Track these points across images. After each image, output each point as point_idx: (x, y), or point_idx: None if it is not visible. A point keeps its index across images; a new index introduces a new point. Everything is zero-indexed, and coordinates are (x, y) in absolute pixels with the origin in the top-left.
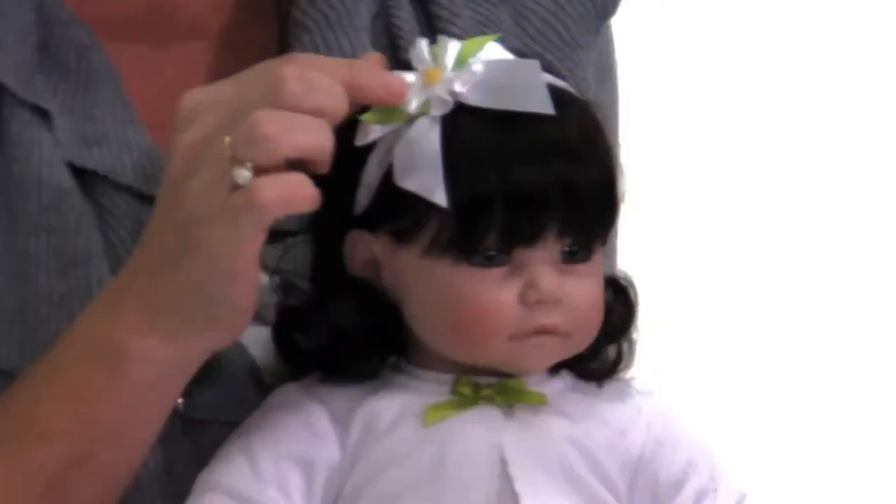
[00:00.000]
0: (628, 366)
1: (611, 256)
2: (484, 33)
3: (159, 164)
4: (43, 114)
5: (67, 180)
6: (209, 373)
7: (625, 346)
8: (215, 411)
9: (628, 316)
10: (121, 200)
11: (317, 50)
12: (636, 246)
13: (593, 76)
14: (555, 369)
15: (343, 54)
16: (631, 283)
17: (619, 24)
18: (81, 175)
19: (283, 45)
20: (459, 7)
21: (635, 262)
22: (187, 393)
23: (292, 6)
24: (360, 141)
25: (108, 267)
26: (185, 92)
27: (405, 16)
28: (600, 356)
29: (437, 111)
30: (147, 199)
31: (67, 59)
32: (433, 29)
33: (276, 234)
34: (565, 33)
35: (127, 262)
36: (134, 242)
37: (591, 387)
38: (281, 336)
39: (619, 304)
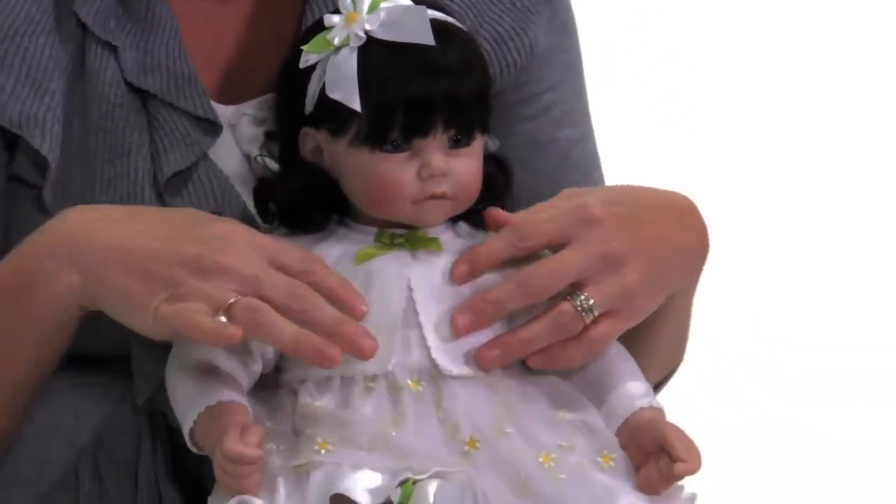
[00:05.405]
0: None
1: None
2: None
3: (197, 87)
4: (113, 48)
5: (122, 96)
6: None
7: (507, 203)
8: None
9: (507, 181)
10: (164, 111)
11: None
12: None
13: (545, 33)
14: (455, 222)
15: None
16: (506, 159)
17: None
18: (140, 92)
19: None
20: None
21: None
22: None
23: None
24: (302, 65)
25: (150, 156)
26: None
27: None
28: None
29: (354, 43)
30: (182, 112)
31: (138, 10)
32: None
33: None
34: (519, 2)
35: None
36: (170, 141)
37: (480, 233)
38: (257, 201)
39: (501, 174)
